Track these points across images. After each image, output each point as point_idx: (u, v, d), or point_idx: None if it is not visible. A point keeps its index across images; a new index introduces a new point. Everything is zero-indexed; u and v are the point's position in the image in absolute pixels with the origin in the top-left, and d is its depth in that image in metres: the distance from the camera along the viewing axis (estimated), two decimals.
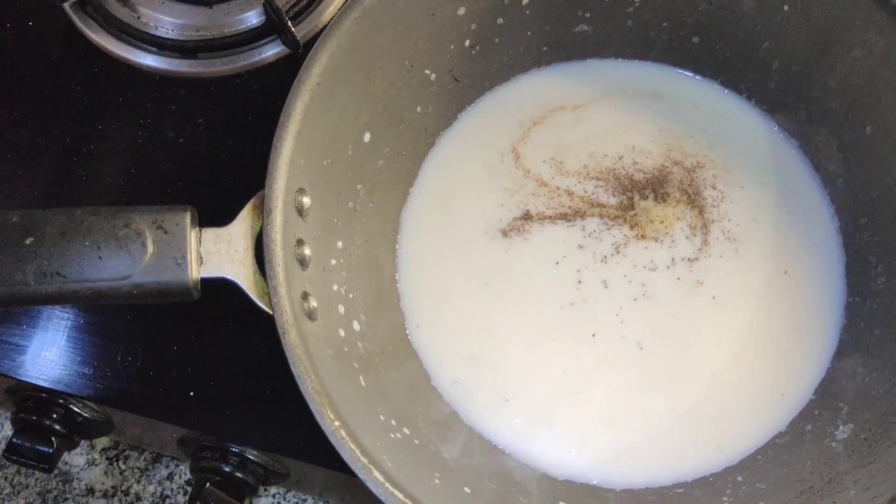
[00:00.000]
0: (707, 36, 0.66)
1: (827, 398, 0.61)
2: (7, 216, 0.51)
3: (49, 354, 0.67)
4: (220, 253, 0.53)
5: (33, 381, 0.67)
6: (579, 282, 0.67)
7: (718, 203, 0.68)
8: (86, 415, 0.70)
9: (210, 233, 0.54)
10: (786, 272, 0.67)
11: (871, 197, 0.64)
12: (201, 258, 0.53)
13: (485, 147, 0.71)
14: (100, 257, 0.51)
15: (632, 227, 0.68)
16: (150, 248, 0.52)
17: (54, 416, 0.69)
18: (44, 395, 0.69)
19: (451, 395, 0.65)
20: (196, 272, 0.53)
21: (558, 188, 0.69)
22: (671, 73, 0.71)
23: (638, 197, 0.68)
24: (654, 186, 0.68)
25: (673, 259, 0.67)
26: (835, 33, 0.60)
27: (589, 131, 0.71)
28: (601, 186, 0.69)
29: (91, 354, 0.67)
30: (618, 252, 0.67)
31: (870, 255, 0.64)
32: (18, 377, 0.67)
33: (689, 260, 0.67)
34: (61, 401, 0.69)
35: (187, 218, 0.53)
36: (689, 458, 0.62)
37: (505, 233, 0.68)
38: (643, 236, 0.67)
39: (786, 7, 0.61)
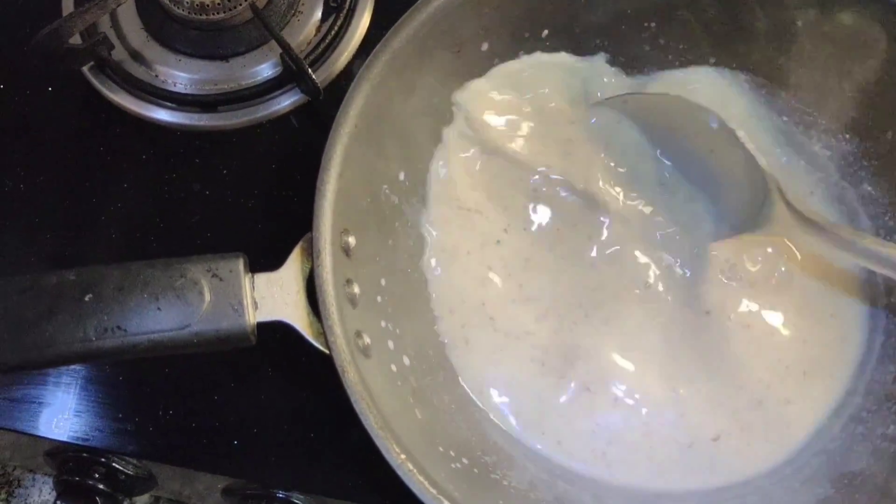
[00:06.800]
0: (722, 56, 0.67)
1: (875, 399, 0.62)
2: (64, 275, 0.52)
3: (88, 413, 0.67)
4: (273, 297, 0.54)
5: (74, 441, 0.67)
6: (646, 285, 0.67)
7: None
8: (128, 471, 0.69)
9: (262, 278, 0.54)
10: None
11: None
12: (256, 303, 0.54)
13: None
14: (158, 308, 0.52)
15: None
16: (208, 296, 0.52)
17: (96, 475, 0.69)
18: (84, 454, 0.69)
19: (502, 419, 0.64)
20: (253, 317, 0.53)
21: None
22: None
23: None
24: None
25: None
26: (849, 45, 0.62)
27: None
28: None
29: (132, 410, 0.67)
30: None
31: None
32: (58, 438, 0.67)
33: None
34: (103, 459, 0.69)
35: (240, 264, 0.54)
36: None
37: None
38: None
39: (799, 22, 0.63)
